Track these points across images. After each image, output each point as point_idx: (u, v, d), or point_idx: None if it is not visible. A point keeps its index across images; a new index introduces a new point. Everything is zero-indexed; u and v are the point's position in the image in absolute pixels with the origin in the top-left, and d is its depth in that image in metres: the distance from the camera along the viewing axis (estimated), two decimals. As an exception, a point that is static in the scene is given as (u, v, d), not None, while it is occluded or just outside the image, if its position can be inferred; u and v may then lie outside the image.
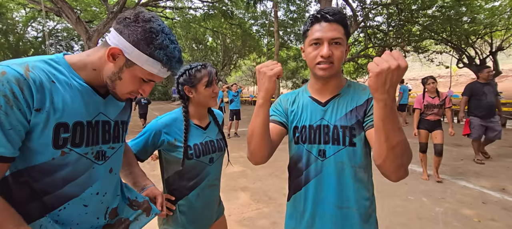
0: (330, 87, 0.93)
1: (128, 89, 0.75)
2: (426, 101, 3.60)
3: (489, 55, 13.62)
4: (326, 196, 0.89)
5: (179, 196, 1.14)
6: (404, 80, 10.79)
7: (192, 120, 1.17)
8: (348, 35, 0.88)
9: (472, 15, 11.56)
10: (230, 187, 3.55)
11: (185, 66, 1.15)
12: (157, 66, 0.72)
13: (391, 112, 0.63)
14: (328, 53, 0.82)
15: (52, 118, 0.64)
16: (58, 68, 0.69)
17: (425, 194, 3.17)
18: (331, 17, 0.82)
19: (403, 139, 0.66)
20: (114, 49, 0.69)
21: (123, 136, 0.87)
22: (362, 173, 0.89)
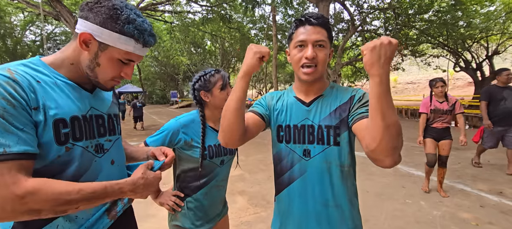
0: (314, 89, 0.95)
1: (109, 74, 0.74)
2: (433, 105, 3.17)
3: (486, 59, 13.76)
4: (311, 195, 0.91)
5: (188, 193, 1.21)
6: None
7: (208, 123, 1.24)
8: (331, 39, 0.90)
9: (468, 20, 11.69)
10: (228, 191, 3.51)
11: (199, 72, 1.23)
12: (131, 43, 0.71)
13: (387, 89, 0.64)
14: (312, 54, 0.85)
15: (49, 115, 0.65)
16: (39, 69, 0.69)
17: (423, 197, 3.17)
18: (315, 21, 0.86)
19: (397, 119, 0.68)
20: (84, 35, 0.68)
21: (118, 128, 0.88)
22: (346, 172, 0.91)
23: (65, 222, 0.71)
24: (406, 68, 16.14)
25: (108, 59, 0.72)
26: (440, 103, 3.17)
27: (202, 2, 12.48)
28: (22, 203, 0.56)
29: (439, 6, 11.13)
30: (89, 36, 0.69)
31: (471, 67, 14.09)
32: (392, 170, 4.21)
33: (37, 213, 0.58)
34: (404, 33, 13.32)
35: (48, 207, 0.59)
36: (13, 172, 0.56)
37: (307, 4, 14.68)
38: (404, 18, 12.06)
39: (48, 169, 0.66)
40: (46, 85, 0.67)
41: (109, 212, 0.79)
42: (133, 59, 0.75)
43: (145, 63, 27.54)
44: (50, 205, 0.59)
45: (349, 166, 0.91)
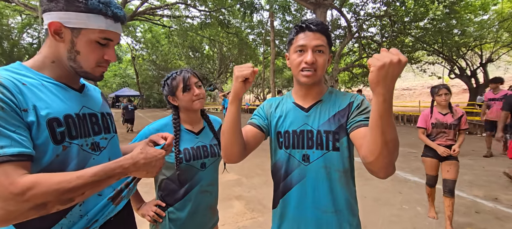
0: (313, 93, 0.96)
1: (92, 60, 0.72)
2: (434, 118, 2.59)
3: (480, 66, 14.00)
4: (310, 200, 0.90)
5: (170, 202, 1.14)
6: (362, 90, 10.81)
7: (184, 125, 1.20)
8: (330, 45, 0.91)
9: (462, 28, 11.94)
10: (225, 195, 3.51)
11: (165, 76, 1.21)
12: (101, 20, 0.70)
13: (389, 107, 0.64)
14: (312, 59, 0.86)
15: (40, 115, 0.64)
16: (22, 73, 0.68)
17: (420, 203, 3.18)
18: (315, 27, 0.88)
19: (396, 135, 0.68)
20: (53, 24, 0.67)
21: (113, 126, 0.87)
22: (345, 178, 0.91)
23: (69, 222, 0.70)
24: (402, 75, 16.32)
25: (86, 44, 0.70)
26: (443, 116, 2.56)
27: (201, 7, 12.56)
28: (24, 200, 0.55)
29: (434, 14, 11.35)
30: (58, 24, 0.67)
31: (466, 74, 14.32)
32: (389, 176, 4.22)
33: (43, 207, 0.57)
34: (400, 40, 13.52)
35: (52, 198, 0.57)
36: (9, 173, 0.55)
37: (304, 10, 14.86)
38: (400, 26, 12.26)
39: (47, 170, 0.65)
40: (33, 87, 0.66)
41: (114, 199, 0.78)
42: (111, 38, 0.73)
43: (142, 67, 27.51)
44: (53, 196, 0.57)
45: (349, 171, 0.91)
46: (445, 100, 2.55)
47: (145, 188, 3.63)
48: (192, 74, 1.18)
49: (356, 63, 15.24)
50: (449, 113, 2.58)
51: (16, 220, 0.56)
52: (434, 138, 2.62)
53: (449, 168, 2.53)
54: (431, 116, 2.63)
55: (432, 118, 2.62)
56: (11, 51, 17.44)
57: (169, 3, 12.70)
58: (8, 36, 17.34)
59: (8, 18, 16.42)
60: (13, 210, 0.54)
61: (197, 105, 1.17)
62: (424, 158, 2.71)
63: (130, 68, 31.40)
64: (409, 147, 6.41)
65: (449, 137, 2.55)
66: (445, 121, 2.56)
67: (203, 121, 1.27)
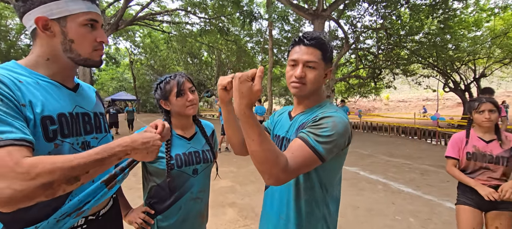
0: (302, 105, 0.99)
1: (87, 43, 0.74)
2: (471, 146, 1.75)
3: (473, 81, 14.27)
4: (274, 203, 0.98)
5: (159, 209, 1.11)
6: (261, 100, 10.55)
7: (176, 130, 1.17)
8: (326, 59, 0.91)
9: (456, 43, 12.22)
10: (218, 202, 3.48)
11: (157, 80, 1.18)
12: (79, 3, 0.72)
13: (240, 121, 0.71)
14: (300, 74, 0.88)
15: (35, 112, 0.65)
16: (18, 71, 0.69)
17: (412, 214, 3.18)
18: (308, 42, 0.88)
19: (255, 149, 0.70)
20: (39, 19, 0.68)
21: (105, 126, 0.87)
22: (304, 192, 0.90)
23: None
24: (398, 87, 16.58)
25: (76, 30, 0.72)
26: (486, 143, 1.72)
27: (201, 14, 12.71)
28: (30, 178, 0.53)
29: (429, 29, 11.62)
30: (44, 18, 0.69)
31: (460, 88, 14.57)
32: (383, 186, 4.23)
33: (50, 186, 0.55)
34: (396, 52, 13.77)
35: (58, 176, 0.56)
36: (13, 154, 0.55)
37: (303, 20, 15.11)
38: (396, 38, 12.52)
39: None
40: (29, 85, 0.67)
41: (108, 183, 0.78)
42: (96, 19, 0.76)
43: (140, 72, 27.49)
44: (58, 175, 0.56)
45: (309, 187, 0.90)
46: (490, 120, 1.67)
47: (137, 193, 3.58)
48: (186, 79, 1.16)
49: (353, 73, 15.44)
50: (495, 140, 1.70)
51: (24, 200, 0.54)
52: (472, 173, 1.74)
53: (499, 224, 1.65)
54: (466, 141, 1.76)
55: (468, 145, 1.75)
56: (8, 52, 17.34)
57: (170, 10, 12.82)
58: (6, 37, 17.28)
59: (7, 19, 16.40)
60: (20, 190, 0.53)
61: (190, 111, 1.15)
62: (460, 206, 1.76)
63: (128, 72, 31.35)
64: (404, 159, 6.44)
65: (495, 175, 1.66)
66: (489, 152, 1.68)
67: (195, 127, 1.25)
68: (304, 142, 0.78)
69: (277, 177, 0.71)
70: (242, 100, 0.68)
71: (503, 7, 11.40)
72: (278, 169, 0.70)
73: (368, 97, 19.86)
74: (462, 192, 1.78)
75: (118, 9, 10.53)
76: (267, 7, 10.63)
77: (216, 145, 1.38)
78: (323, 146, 0.77)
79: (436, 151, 7.62)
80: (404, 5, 10.27)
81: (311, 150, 0.76)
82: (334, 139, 0.79)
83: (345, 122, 0.84)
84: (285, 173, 0.71)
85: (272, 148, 0.70)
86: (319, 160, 0.77)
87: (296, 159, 0.74)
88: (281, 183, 0.73)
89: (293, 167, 0.73)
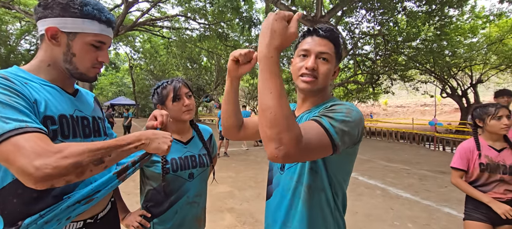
0: (308, 103, 0.89)
1: (87, 61, 0.77)
2: (485, 156, 1.59)
3: (470, 86, 14.40)
4: (279, 211, 0.87)
5: (156, 213, 1.12)
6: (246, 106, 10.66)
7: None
8: (338, 55, 0.84)
9: (453, 49, 12.39)
10: (216, 207, 3.47)
11: (155, 85, 1.21)
12: (95, 24, 0.75)
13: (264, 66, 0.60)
14: (313, 65, 0.79)
15: (38, 111, 0.68)
16: (21, 75, 0.72)
17: (411, 220, 3.18)
18: (323, 33, 0.81)
19: (271, 105, 0.58)
20: (50, 29, 0.71)
21: (103, 130, 0.90)
22: (312, 196, 0.80)
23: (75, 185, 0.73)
24: (396, 92, 16.68)
25: (81, 46, 0.74)
26: (498, 152, 1.58)
27: (200, 20, 12.81)
28: (63, 156, 0.56)
29: (426, 35, 11.78)
30: (55, 29, 0.72)
31: (457, 94, 14.68)
32: (381, 192, 4.24)
33: (80, 165, 0.58)
34: (393, 58, 13.90)
35: (86, 157, 0.59)
36: (44, 138, 0.58)
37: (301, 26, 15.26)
38: (393, 45, 12.65)
39: None
40: (34, 86, 0.71)
41: (120, 175, 0.81)
42: (104, 41, 0.78)
43: (140, 77, 27.54)
44: (86, 155, 0.59)
45: (315, 190, 0.80)
46: (507, 126, 1.54)
47: (135, 198, 3.57)
48: (183, 84, 1.17)
49: (351, 79, 15.56)
50: (507, 148, 1.58)
51: (58, 178, 0.56)
52: (484, 186, 1.60)
53: None
54: (478, 153, 1.61)
55: (481, 156, 1.60)
56: (8, 56, 17.37)
57: (170, 15, 12.94)
58: (6, 42, 17.33)
59: (7, 24, 16.47)
60: (55, 166, 0.55)
61: (186, 116, 1.16)
62: (471, 222, 1.62)
63: (127, 77, 31.39)
64: (402, 164, 6.45)
65: (510, 187, 1.53)
66: (501, 162, 1.55)
67: (192, 131, 1.26)
68: (317, 123, 0.67)
69: (287, 146, 0.56)
70: (273, 40, 0.59)
71: (498, 14, 11.60)
72: (290, 136, 0.56)
73: (367, 102, 19.96)
74: (474, 206, 1.61)
75: (119, 15, 10.63)
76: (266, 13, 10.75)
77: (215, 149, 1.38)
78: (336, 130, 0.66)
79: (434, 157, 7.64)
80: (401, 12, 10.43)
81: (324, 132, 0.65)
82: (348, 127, 0.69)
83: (359, 111, 0.76)
84: (297, 145, 0.57)
85: (289, 109, 0.59)
86: (331, 148, 0.65)
87: (308, 136, 0.61)
88: (290, 157, 0.58)
89: (305, 143, 0.60)
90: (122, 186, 0.88)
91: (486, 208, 1.55)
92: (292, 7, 10.17)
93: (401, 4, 9.85)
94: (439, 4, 9.27)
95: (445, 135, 10.36)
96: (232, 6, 9.17)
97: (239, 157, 7.15)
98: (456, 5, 9.32)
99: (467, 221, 1.64)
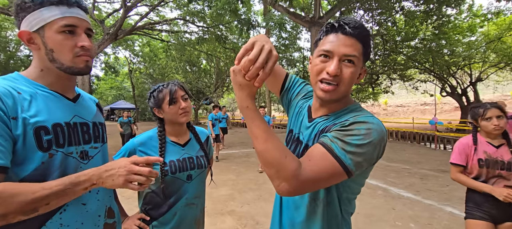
0: (326, 108, 0.79)
1: (66, 52, 0.72)
2: (483, 152, 1.62)
3: (470, 85, 14.40)
4: (287, 211, 0.86)
5: (155, 216, 1.12)
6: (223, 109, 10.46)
7: (170, 137, 1.19)
8: (366, 56, 0.73)
9: (451, 48, 12.41)
10: (217, 210, 3.45)
11: (151, 88, 1.21)
12: (52, 9, 0.71)
13: (247, 116, 0.62)
14: (335, 71, 0.68)
15: (28, 124, 0.66)
16: (19, 82, 0.71)
17: (413, 220, 3.17)
18: (350, 30, 0.68)
19: (260, 149, 0.61)
20: (21, 33, 0.71)
21: (103, 136, 0.88)
22: (317, 207, 0.77)
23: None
24: (395, 92, 16.70)
25: (53, 38, 0.71)
26: (496, 148, 1.62)
27: (199, 23, 12.85)
28: None
29: (424, 34, 11.81)
30: (26, 32, 0.71)
31: (457, 92, 14.68)
32: (382, 192, 4.22)
33: (4, 217, 0.58)
34: (392, 58, 13.93)
35: (14, 208, 0.58)
36: None
37: (300, 28, 15.33)
38: (392, 45, 12.69)
39: (33, 176, 0.67)
40: (27, 96, 0.69)
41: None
42: (74, 24, 0.72)
43: (139, 80, 27.57)
44: (15, 207, 0.58)
45: (321, 201, 0.77)
46: (499, 127, 1.57)
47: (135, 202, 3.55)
48: (179, 87, 1.18)
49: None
50: (504, 144, 1.61)
51: None
52: (484, 182, 1.62)
53: None
54: (475, 148, 1.64)
55: (478, 151, 1.62)
56: (7, 62, 17.41)
57: (168, 19, 12.97)
58: (5, 48, 17.37)
59: (7, 30, 16.53)
60: None
61: (182, 119, 1.17)
62: (472, 221, 1.62)
63: (127, 81, 31.43)
64: (403, 164, 6.44)
65: (510, 183, 1.56)
66: (499, 158, 1.58)
67: (189, 133, 1.27)
68: (327, 150, 0.62)
69: (287, 182, 0.58)
70: (242, 92, 0.60)
71: (496, 12, 11.63)
72: (286, 172, 0.58)
73: (366, 102, 19.96)
74: (475, 204, 1.62)
75: (117, 19, 10.65)
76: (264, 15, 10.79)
77: (211, 151, 1.40)
78: (351, 157, 0.61)
79: (435, 156, 7.63)
80: (399, 12, 10.46)
81: (335, 161, 0.61)
82: (366, 150, 0.63)
83: (382, 131, 0.66)
84: (296, 180, 0.58)
85: (279, 146, 0.60)
86: (345, 174, 0.62)
87: (313, 168, 0.60)
88: (293, 192, 0.59)
89: (307, 176, 0.59)
90: (121, 190, 0.88)
91: (488, 206, 1.57)
92: (290, 8, 10.20)
93: (399, 4, 9.89)
94: (437, 3, 9.30)
95: (446, 134, 10.34)
96: (230, 8, 9.21)
97: (239, 160, 7.13)
98: (454, 4, 9.36)
99: (469, 219, 1.64)
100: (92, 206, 0.79)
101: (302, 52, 17.72)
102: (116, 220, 0.89)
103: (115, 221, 0.88)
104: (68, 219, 0.73)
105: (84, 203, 0.77)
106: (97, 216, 0.80)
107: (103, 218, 0.82)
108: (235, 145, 9.72)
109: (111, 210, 0.87)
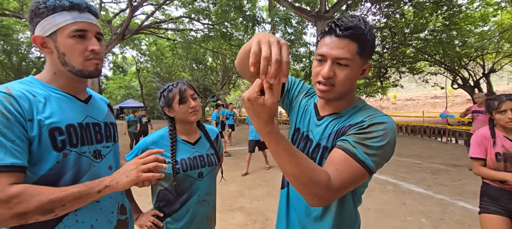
0: (332, 106, 0.84)
1: (76, 55, 0.75)
2: (501, 146, 1.57)
3: (482, 76, 13.97)
4: (297, 206, 0.89)
5: (168, 212, 1.16)
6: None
7: (180, 136, 1.22)
8: (364, 53, 0.73)
9: (463, 39, 12.01)
10: (226, 206, 3.49)
11: (161, 88, 1.24)
12: (64, 15, 0.74)
13: (270, 142, 0.60)
14: (328, 74, 0.72)
15: (43, 125, 0.69)
16: (33, 85, 0.75)
17: (424, 214, 3.13)
18: (342, 32, 0.70)
19: (293, 173, 0.61)
20: (35, 38, 0.75)
21: (115, 135, 0.91)
22: (333, 207, 0.82)
23: (65, 227, 0.74)
24: (405, 85, 16.37)
25: (65, 42, 0.74)
26: None
27: (204, 21, 12.87)
28: (7, 207, 0.60)
29: (434, 26, 11.46)
30: (39, 37, 0.74)
31: (469, 85, 14.27)
32: (392, 187, 4.17)
33: (24, 216, 0.62)
34: (401, 51, 13.61)
35: (34, 208, 0.62)
36: (0, 181, 0.60)
37: (306, 22, 15.14)
38: (401, 37, 12.38)
39: (49, 175, 0.70)
40: (42, 98, 0.72)
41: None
42: (84, 28, 0.75)
43: (147, 79, 27.90)
44: (34, 207, 0.62)
45: (341, 203, 0.83)
46: None
47: (148, 199, 3.63)
48: (188, 86, 1.20)
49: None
50: None
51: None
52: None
53: None
54: (493, 142, 1.59)
55: (497, 145, 1.58)
56: (19, 64, 17.89)
57: (174, 17, 13.03)
58: (17, 50, 17.85)
59: (18, 33, 16.96)
60: None
61: (192, 117, 1.19)
62: (487, 215, 1.59)
63: (135, 80, 31.86)
64: (413, 158, 6.34)
65: None
66: None
67: (199, 132, 1.30)
68: (350, 156, 0.66)
69: (321, 197, 0.62)
70: (260, 120, 0.56)
71: (510, 0, 11.17)
72: (319, 189, 0.61)
73: (375, 96, 19.65)
74: (491, 199, 1.60)
75: (124, 19, 10.78)
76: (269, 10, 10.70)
77: (221, 149, 1.42)
78: (373, 158, 0.67)
79: (447, 150, 7.47)
80: (408, 3, 10.19)
81: (360, 165, 0.66)
82: (385, 150, 0.69)
83: (395, 130, 0.72)
84: (329, 191, 0.62)
85: (309, 164, 0.61)
86: (368, 174, 0.67)
87: (341, 176, 0.64)
88: (326, 202, 0.64)
89: (338, 185, 0.63)
90: (134, 188, 0.90)
91: (504, 200, 1.55)
92: (295, 3, 10.08)
93: (408, -5, 9.63)
94: (448, -7, 9.01)
95: (458, 127, 10.10)
96: (235, 5, 9.17)
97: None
98: (465, -7, 9.03)
99: (483, 214, 1.62)
100: (106, 203, 0.82)
101: (308, 47, 17.52)
102: (128, 216, 0.92)
103: (127, 217, 0.91)
104: (83, 215, 0.76)
105: (98, 200, 0.80)
106: (111, 213, 0.83)
107: (116, 214, 0.86)
108: (242, 142, 9.76)
109: (124, 207, 0.90)
